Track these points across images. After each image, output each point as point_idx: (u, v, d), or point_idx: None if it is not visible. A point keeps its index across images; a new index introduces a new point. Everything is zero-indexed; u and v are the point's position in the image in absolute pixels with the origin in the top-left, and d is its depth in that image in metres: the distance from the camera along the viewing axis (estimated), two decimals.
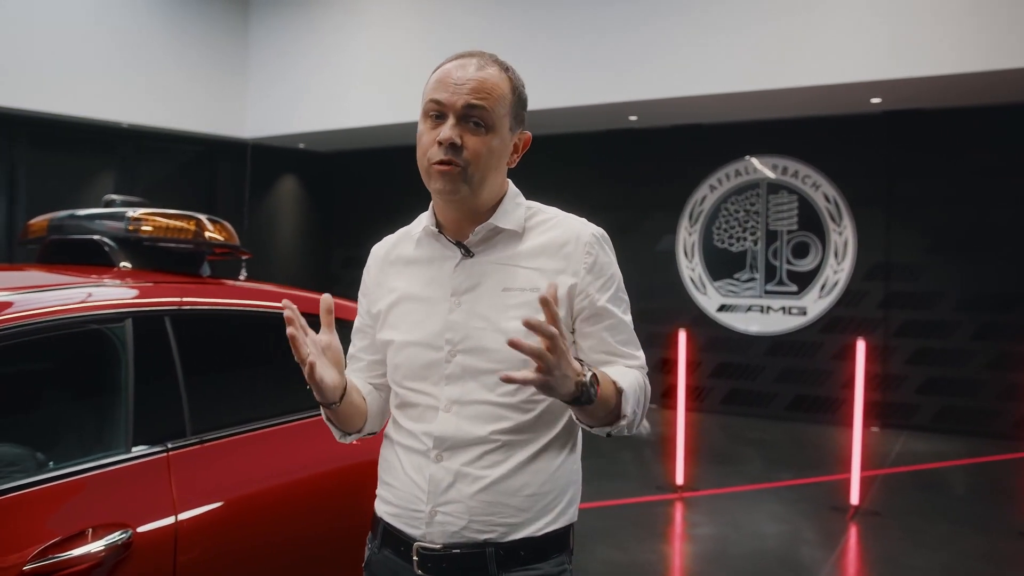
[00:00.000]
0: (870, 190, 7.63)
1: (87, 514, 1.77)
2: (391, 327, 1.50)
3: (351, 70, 9.07)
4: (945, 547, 4.40)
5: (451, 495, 1.38)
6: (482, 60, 1.43)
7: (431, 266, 1.49)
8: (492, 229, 1.45)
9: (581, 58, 7.58)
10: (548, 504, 1.41)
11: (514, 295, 1.39)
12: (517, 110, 1.45)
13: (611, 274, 1.44)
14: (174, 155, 9.90)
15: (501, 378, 1.18)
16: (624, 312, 1.46)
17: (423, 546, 1.40)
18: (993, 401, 7.09)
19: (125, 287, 2.17)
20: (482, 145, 1.38)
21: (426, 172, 1.43)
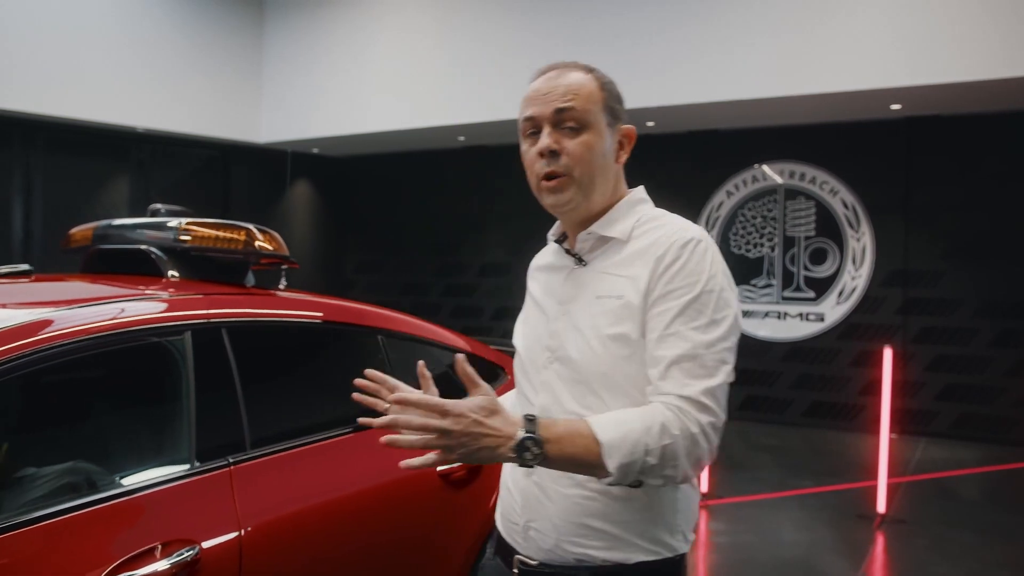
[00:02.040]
0: (888, 196, 7.62)
1: (155, 530, 1.76)
2: (517, 333, 1.57)
3: (366, 75, 9.08)
4: (973, 556, 4.39)
5: (540, 511, 1.36)
6: (563, 67, 1.43)
7: (552, 274, 1.52)
8: (597, 238, 1.42)
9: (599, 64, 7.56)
10: (646, 531, 1.33)
11: (603, 302, 1.35)
12: (610, 105, 1.43)
13: (690, 282, 1.29)
14: (189, 159, 9.92)
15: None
16: (697, 329, 1.26)
17: (522, 559, 1.40)
18: (1012, 408, 7.07)
19: (181, 299, 2.17)
20: (581, 145, 1.37)
21: (537, 190, 1.44)
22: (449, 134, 9.31)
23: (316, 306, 2.54)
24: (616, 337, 1.31)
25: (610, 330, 1.32)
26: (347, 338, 2.61)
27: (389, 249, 11.00)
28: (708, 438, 1.24)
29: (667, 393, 1.24)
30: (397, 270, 10.90)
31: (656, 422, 1.21)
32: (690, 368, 1.24)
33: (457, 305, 10.27)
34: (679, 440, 1.21)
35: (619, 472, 1.19)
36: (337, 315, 2.57)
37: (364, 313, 2.67)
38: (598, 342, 1.32)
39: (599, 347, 1.32)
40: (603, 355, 1.32)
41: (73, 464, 1.79)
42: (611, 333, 1.32)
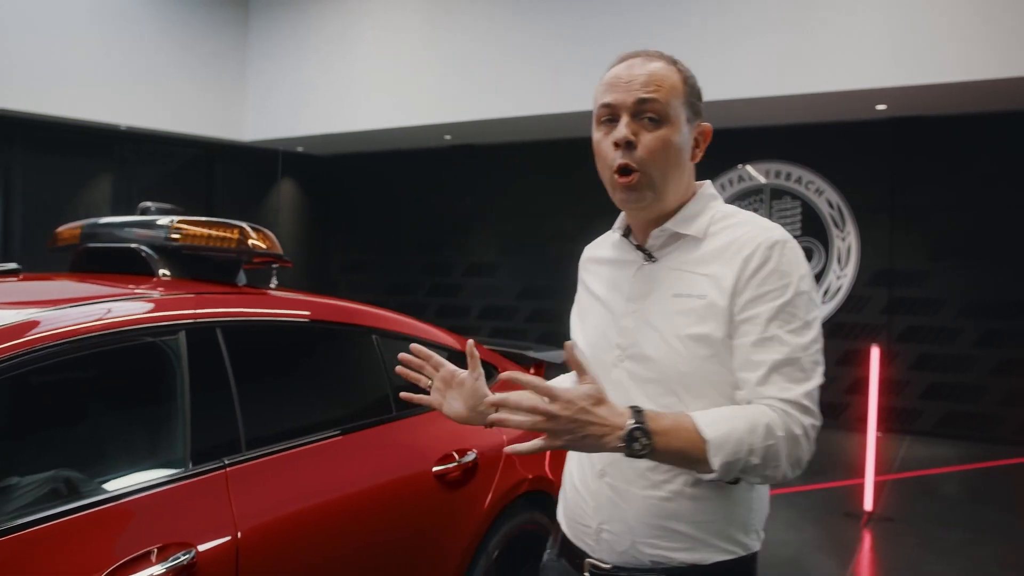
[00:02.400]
0: (874, 196, 7.67)
1: (151, 534, 1.73)
2: (579, 328, 1.52)
3: (353, 73, 9.03)
4: (963, 554, 4.41)
5: (614, 514, 1.34)
6: (647, 56, 1.38)
7: (616, 269, 1.47)
8: (671, 235, 1.38)
9: (589, 64, 7.58)
10: (722, 531, 1.31)
11: (682, 301, 1.32)
12: (691, 100, 1.37)
13: (782, 285, 1.26)
14: (172, 158, 9.82)
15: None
16: (793, 332, 1.25)
17: (593, 563, 1.38)
18: (996, 407, 7.14)
19: (174, 298, 2.14)
20: (659, 140, 1.32)
21: (610, 183, 1.38)
22: (435, 133, 9.28)
23: (310, 306, 2.51)
24: (699, 337, 1.29)
25: (692, 330, 1.30)
26: (341, 338, 2.58)
27: (375, 248, 10.95)
28: (809, 439, 1.24)
29: (769, 397, 1.24)
30: (383, 270, 10.85)
31: (761, 423, 1.21)
32: (790, 372, 1.24)
33: (443, 305, 10.24)
34: (782, 441, 1.21)
35: (722, 469, 1.19)
36: (331, 315, 2.54)
37: (357, 312, 2.64)
38: (678, 341, 1.30)
39: (680, 346, 1.30)
40: (684, 354, 1.29)
41: (55, 472, 1.75)
42: (693, 333, 1.29)
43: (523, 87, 7.94)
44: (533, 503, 2.91)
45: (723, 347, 1.28)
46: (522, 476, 2.85)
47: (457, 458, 2.58)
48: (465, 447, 2.65)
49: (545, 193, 9.60)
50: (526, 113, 8.01)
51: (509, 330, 9.70)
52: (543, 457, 3.01)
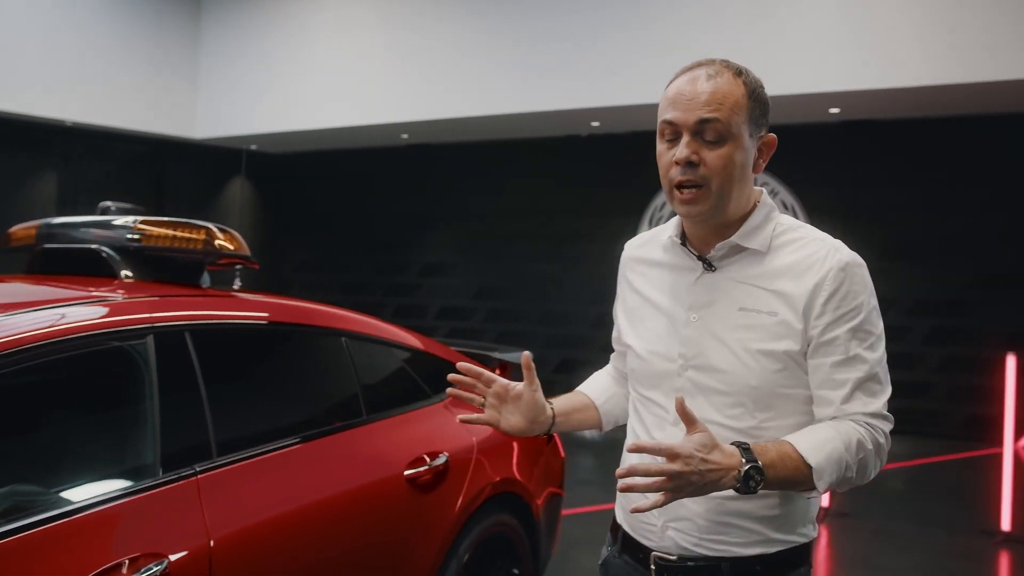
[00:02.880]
0: (827, 198, 7.83)
1: (122, 545, 1.68)
2: (631, 333, 1.52)
3: (307, 71, 8.91)
4: (915, 547, 4.54)
5: (681, 512, 1.37)
6: (711, 68, 1.36)
7: (673, 274, 1.47)
8: (735, 247, 1.39)
9: (545, 64, 7.60)
10: (783, 524, 1.37)
11: (750, 316, 1.35)
12: (755, 115, 1.36)
13: (856, 305, 1.32)
14: (120, 155, 9.59)
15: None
16: (869, 349, 1.33)
17: (659, 556, 1.41)
18: (941, 403, 7.35)
19: (141, 301, 2.07)
20: (721, 159, 1.32)
21: (669, 195, 1.39)
22: (392, 132, 9.22)
23: (278, 308, 2.46)
24: (770, 353, 1.33)
25: (763, 345, 1.34)
26: (310, 340, 2.54)
27: (330, 248, 10.83)
28: (889, 443, 1.35)
29: (855, 413, 1.32)
30: (337, 269, 10.74)
31: (853, 440, 1.29)
32: (870, 387, 1.33)
33: (399, 305, 10.17)
34: (871, 453, 1.31)
35: (825, 489, 1.28)
36: (300, 317, 2.50)
37: (327, 315, 2.60)
38: (749, 356, 1.34)
39: (751, 361, 1.34)
40: (755, 369, 1.34)
41: (11, 488, 1.68)
42: (765, 348, 1.34)
43: (481, 87, 7.93)
44: (502, 505, 2.90)
45: (793, 363, 1.34)
46: (491, 478, 2.84)
47: (428, 461, 2.56)
48: (436, 450, 2.62)
49: (503, 193, 9.60)
50: (484, 113, 8.01)
51: (466, 330, 9.67)
52: (511, 458, 3.01)
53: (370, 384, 2.66)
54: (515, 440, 3.07)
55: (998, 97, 6.54)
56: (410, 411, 2.73)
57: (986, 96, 6.51)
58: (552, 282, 9.29)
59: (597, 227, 8.94)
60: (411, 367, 2.89)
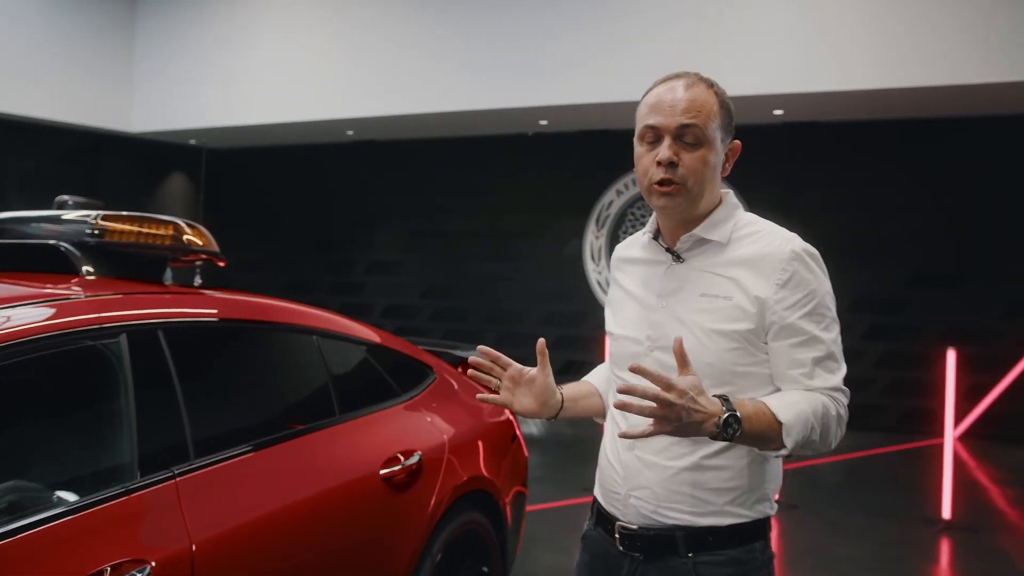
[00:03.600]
0: (770, 197, 7.99)
1: (103, 552, 1.61)
2: (612, 320, 1.66)
3: (249, 64, 8.72)
4: (867, 535, 4.67)
5: (641, 481, 1.50)
6: (688, 80, 1.51)
7: (648, 267, 1.61)
8: (698, 239, 1.53)
9: (493, 62, 7.59)
10: (736, 499, 1.47)
11: (709, 300, 1.48)
12: (726, 122, 1.52)
13: (810, 291, 1.45)
14: (50, 147, 9.22)
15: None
16: (824, 330, 1.45)
17: (623, 525, 1.53)
18: (880, 397, 7.59)
19: (111, 299, 1.99)
20: (698, 160, 1.47)
21: (647, 191, 1.53)
22: (337, 128, 9.09)
23: (249, 306, 2.40)
24: (723, 332, 1.46)
25: (717, 326, 1.46)
26: (283, 338, 2.48)
27: (272, 246, 10.62)
28: (847, 414, 1.47)
29: (817, 388, 1.44)
30: (281, 268, 10.54)
31: (819, 405, 1.41)
32: (828, 364, 1.45)
33: (345, 303, 10.03)
34: (833, 420, 1.43)
35: (793, 447, 1.37)
36: (272, 315, 2.44)
37: (298, 312, 2.54)
38: (704, 336, 1.46)
39: (706, 340, 1.46)
40: (709, 347, 1.45)
41: (16, 483, 1.61)
42: (718, 328, 1.46)
43: (428, 84, 7.87)
44: (472, 503, 2.89)
45: (747, 343, 1.45)
46: (462, 476, 2.82)
47: (403, 460, 2.52)
48: (409, 448, 2.59)
49: (449, 191, 9.55)
50: (431, 110, 7.95)
51: (413, 329, 9.60)
52: (479, 457, 2.99)
53: (341, 382, 2.62)
54: (482, 439, 3.06)
55: (934, 101, 6.78)
56: (381, 409, 2.69)
57: (922, 100, 6.75)
58: (500, 281, 9.29)
59: (545, 225, 8.97)
60: (380, 365, 2.85)
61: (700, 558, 1.46)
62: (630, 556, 1.52)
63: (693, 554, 1.46)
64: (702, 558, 1.46)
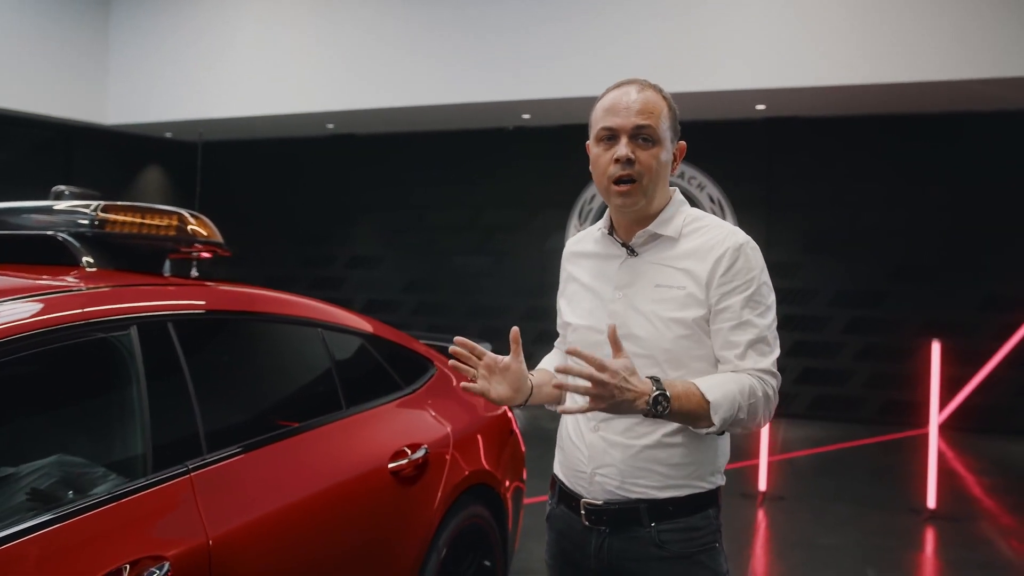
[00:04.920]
0: (752, 192, 8.06)
1: (121, 549, 1.57)
2: (570, 311, 1.76)
3: (227, 56, 8.60)
4: (852, 525, 4.73)
5: (606, 460, 1.62)
6: (639, 85, 1.63)
7: (603, 262, 1.72)
8: (652, 234, 1.65)
9: (475, 55, 7.56)
10: (692, 472, 1.60)
11: (664, 291, 1.60)
12: (674, 124, 1.65)
13: (749, 279, 1.57)
14: (25, 139, 9.02)
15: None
16: (759, 315, 1.57)
17: (588, 502, 1.65)
18: (861, 389, 7.68)
19: (119, 290, 1.95)
20: (652, 158, 1.59)
21: (606, 190, 1.64)
22: (316, 121, 9.00)
23: (255, 298, 2.36)
24: (679, 320, 1.58)
25: (673, 314, 1.58)
26: (288, 332, 2.44)
27: (251, 241, 10.47)
28: (776, 396, 1.58)
29: (747, 369, 1.55)
30: (260, 263, 10.42)
31: (746, 385, 1.52)
32: (760, 347, 1.57)
33: (326, 298, 9.82)
34: (760, 400, 1.53)
35: (720, 424, 1.48)
36: (278, 308, 2.40)
37: (303, 306, 2.52)
38: (662, 324, 1.58)
39: (664, 328, 1.58)
40: (667, 334, 1.58)
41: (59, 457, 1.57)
42: (674, 316, 1.58)
43: (409, 77, 7.82)
44: (474, 496, 2.87)
45: (699, 329, 1.58)
46: (467, 470, 2.80)
47: (410, 453, 2.50)
48: (416, 442, 2.57)
49: (430, 184, 9.51)
50: (412, 103, 7.90)
51: (394, 324, 9.48)
52: (479, 451, 2.98)
53: (347, 376, 2.59)
54: (481, 432, 3.05)
55: (915, 97, 6.86)
56: (386, 403, 2.67)
57: (904, 96, 6.82)
58: (482, 275, 9.26)
59: (527, 220, 8.96)
60: (384, 359, 2.83)
61: (662, 526, 1.59)
62: (596, 530, 1.63)
63: (656, 523, 1.59)
64: (664, 526, 1.59)
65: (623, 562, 1.62)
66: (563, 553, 1.73)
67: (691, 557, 1.61)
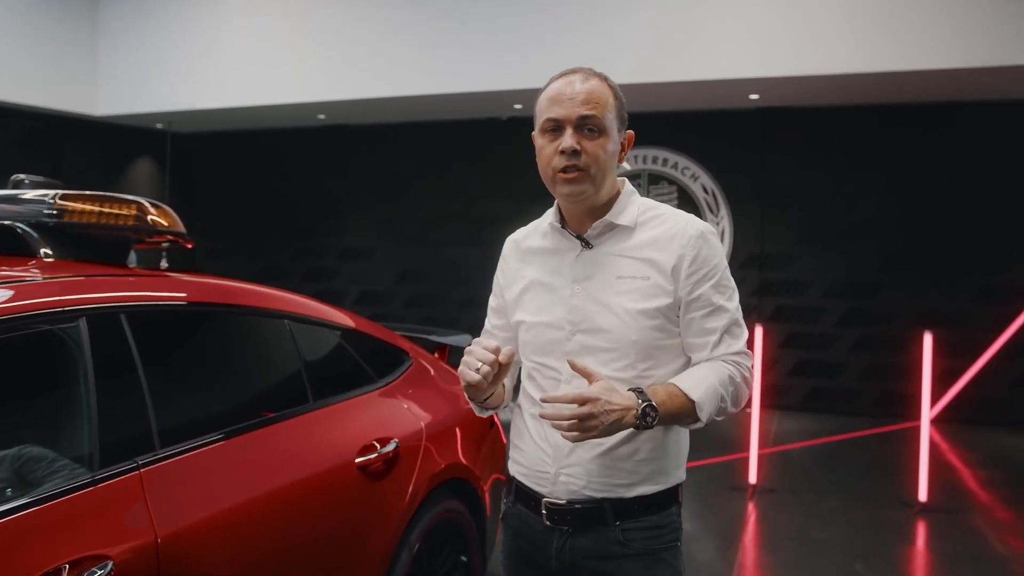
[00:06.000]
0: (745, 182, 7.98)
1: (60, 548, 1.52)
2: (522, 309, 1.70)
3: (217, 45, 8.51)
4: (843, 518, 4.67)
5: (572, 459, 1.59)
6: (583, 74, 1.60)
7: (556, 256, 1.67)
8: (608, 224, 1.62)
9: (468, 44, 7.48)
10: (659, 467, 1.59)
11: (627, 282, 1.58)
12: (620, 113, 1.62)
13: (714, 265, 1.58)
14: (10, 131, 8.93)
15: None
16: (727, 299, 1.59)
17: (550, 501, 1.61)
18: (855, 382, 7.62)
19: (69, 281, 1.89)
20: (598, 147, 1.56)
21: (551, 180, 1.61)
22: (307, 112, 8.92)
23: (217, 289, 2.30)
24: (645, 311, 1.56)
25: (639, 305, 1.56)
26: (254, 323, 2.38)
27: (243, 233, 10.43)
28: (751, 376, 1.61)
29: (723, 354, 1.57)
30: (252, 255, 10.36)
31: (725, 375, 1.54)
32: (733, 331, 1.59)
33: (318, 291, 9.88)
34: (740, 384, 1.57)
35: (708, 419, 1.51)
36: (242, 298, 2.34)
37: (268, 296, 2.45)
38: (628, 316, 1.56)
39: (630, 320, 1.56)
40: (634, 326, 1.56)
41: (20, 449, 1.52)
42: (640, 307, 1.56)
43: (400, 66, 7.73)
44: (450, 491, 2.82)
45: (665, 318, 1.57)
46: (439, 464, 2.75)
47: (379, 448, 2.45)
48: (386, 436, 2.52)
49: (423, 175, 9.43)
50: (403, 93, 7.82)
51: (387, 315, 9.48)
52: (456, 444, 2.93)
53: (315, 368, 2.53)
54: (459, 425, 2.99)
55: (911, 87, 6.78)
56: (356, 396, 2.61)
57: (899, 85, 6.74)
58: (475, 266, 9.19)
59: (520, 210, 8.85)
60: (355, 350, 2.77)
61: (627, 525, 1.57)
62: (558, 530, 1.60)
63: (620, 522, 1.57)
64: (628, 525, 1.57)
65: (585, 561, 1.60)
66: (520, 553, 1.70)
67: (655, 554, 1.60)
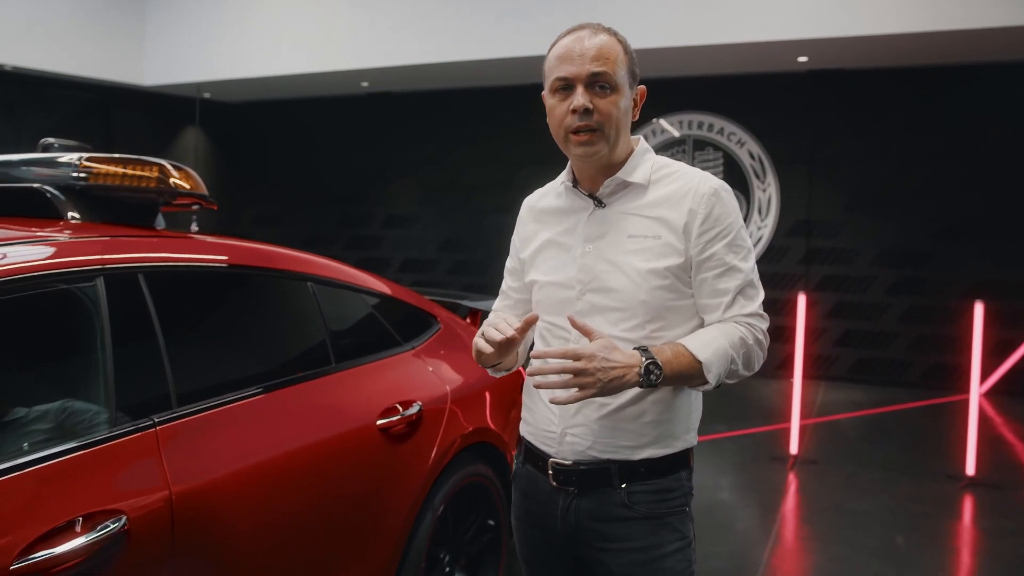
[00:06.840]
0: (793, 148, 7.77)
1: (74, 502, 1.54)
2: (535, 269, 1.69)
3: (262, 14, 8.56)
4: (883, 491, 4.57)
5: (578, 419, 1.57)
6: (592, 30, 1.55)
7: (569, 216, 1.65)
8: (620, 183, 1.59)
9: (513, 7, 7.38)
10: (667, 431, 1.56)
11: (638, 241, 1.54)
12: (632, 68, 1.57)
13: (728, 224, 1.53)
14: (66, 102, 9.14)
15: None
16: (742, 259, 1.54)
17: (556, 462, 1.60)
18: (904, 352, 7.43)
19: (87, 241, 1.91)
20: (611, 105, 1.52)
21: (564, 140, 1.57)
22: (352, 79, 8.93)
23: (239, 251, 2.31)
24: (655, 271, 1.52)
25: (650, 264, 1.52)
26: (275, 285, 2.39)
27: (289, 200, 10.54)
28: (767, 339, 1.56)
29: (736, 315, 1.53)
30: (297, 223, 10.47)
31: (736, 336, 1.50)
32: (748, 291, 1.54)
33: (362, 257, 9.97)
34: (753, 347, 1.53)
35: (716, 381, 1.47)
36: (263, 260, 2.35)
37: (291, 258, 2.45)
38: (638, 275, 1.53)
39: (640, 280, 1.53)
40: (644, 286, 1.52)
41: None
42: (651, 267, 1.52)
43: (444, 32, 7.67)
44: (477, 455, 2.82)
45: (676, 279, 1.53)
46: (465, 428, 2.74)
47: (401, 411, 2.45)
48: (409, 399, 2.51)
49: (467, 142, 9.40)
50: (447, 59, 7.76)
51: (431, 282, 9.53)
52: (484, 408, 2.92)
53: (339, 331, 2.53)
54: (488, 389, 2.98)
55: (966, 46, 6.49)
56: (381, 359, 2.61)
57: (954, 45, 6.46)
58: None
59: None
60: (381, 314, 2.77)
61: (632, 487, 1.55)
62: (564, 491, 1.59)
63: (626, 484, 1.55)
64: (634, 487, 1.55)
65: (590, 522, 1.58)
66: (528, 515, 1.70)
67: (661, 519, 1.57)
